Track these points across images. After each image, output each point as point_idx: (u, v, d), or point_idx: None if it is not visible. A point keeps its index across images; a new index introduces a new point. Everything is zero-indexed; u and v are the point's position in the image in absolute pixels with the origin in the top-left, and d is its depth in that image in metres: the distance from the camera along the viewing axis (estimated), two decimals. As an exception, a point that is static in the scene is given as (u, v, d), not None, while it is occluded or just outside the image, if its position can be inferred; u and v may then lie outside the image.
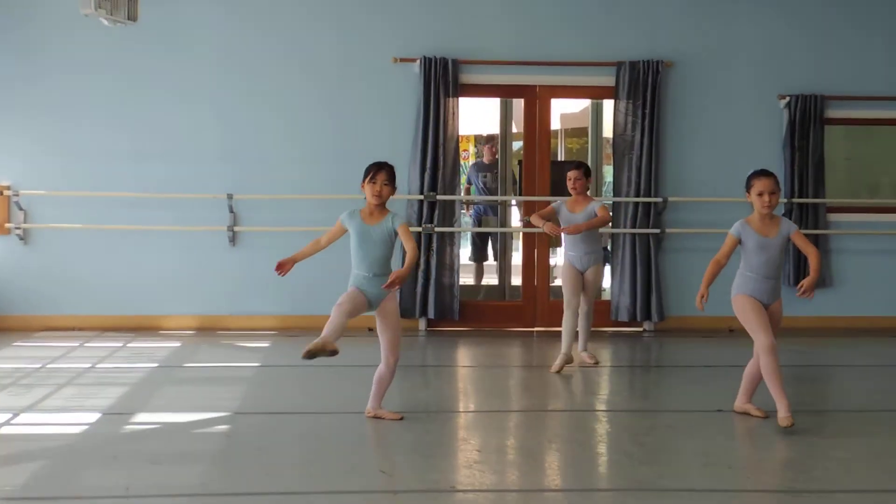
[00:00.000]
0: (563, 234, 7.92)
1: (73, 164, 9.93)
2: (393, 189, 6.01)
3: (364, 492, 4.82)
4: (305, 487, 4.85)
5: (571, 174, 8.05)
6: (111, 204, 9.96)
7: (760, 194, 6.10)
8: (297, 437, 5.83)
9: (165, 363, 8.27)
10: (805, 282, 6.11)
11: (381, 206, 5.98)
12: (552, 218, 8.09)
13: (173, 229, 10.00)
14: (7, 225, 9.93)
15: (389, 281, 5.70)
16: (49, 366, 7.97)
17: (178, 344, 9.18)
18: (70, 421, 6.15)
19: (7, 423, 6.07)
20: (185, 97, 10.02)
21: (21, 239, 9.92)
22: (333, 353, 5.49)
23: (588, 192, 8.12)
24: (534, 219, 7.91)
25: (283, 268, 5.92)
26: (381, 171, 5.97)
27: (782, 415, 5.96)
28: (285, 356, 8.64)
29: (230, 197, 9.93)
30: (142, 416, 6.32)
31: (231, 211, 9.98)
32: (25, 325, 9.89)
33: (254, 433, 5.88)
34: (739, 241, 6.21)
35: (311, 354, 5.43)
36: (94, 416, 6.24)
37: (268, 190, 10.02)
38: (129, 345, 9.17)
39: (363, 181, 5.99)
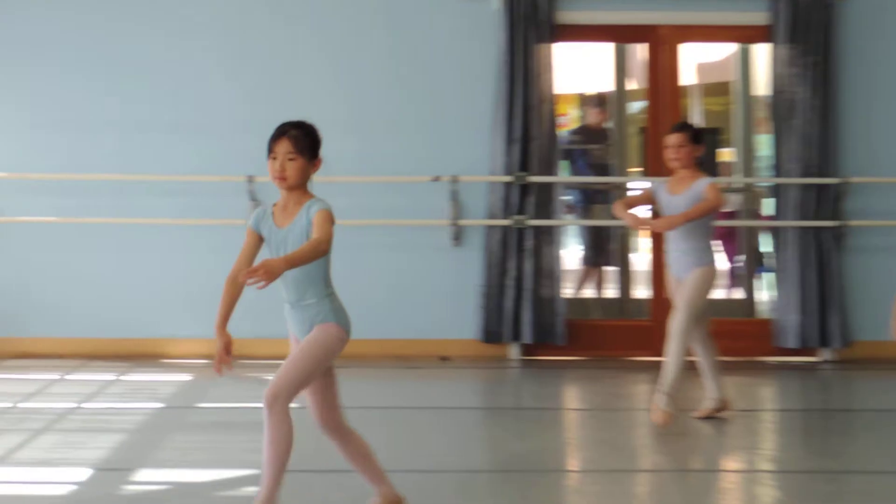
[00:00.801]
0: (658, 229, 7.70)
1: (47, 137, 10.13)
2: (309, 162, 5.18)
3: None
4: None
5: (671, 140, 7.76)
6: (97, 190, 10.15)
7: None
8: (345, 501, 5.82)
9: (172, 403, 8.38)
10: None
11: (297, 194, 5.22)
12: (647, 204, 8.02)
13: (178, 224, 10.12)
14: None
15: (250, 270, 4.77)
16: (21, 405, 8.09)
17: (187, 377, 9.27)
18: (52, 478, 6.19)
19: (-30, 480, 6.20)
20: (191, 41, 10.15)
21: (-19, 235, 10.23)
22: None
23: (699, 166, 7.81)
24: (616, 208, 7.74)
25: (224, 360, 5.33)
26: (281, 139, 5.16)
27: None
28: (360, 394, 8.70)
29: (251, 180, 10.08)
30: (145, 474, 6.36)
31: (252, 199, 10.09)
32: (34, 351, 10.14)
33: (289, 498, 5.89)
34: None
35: None
36: (83, 473, 6.27)
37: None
38: (123, 378, 9.26)
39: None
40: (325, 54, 10.22)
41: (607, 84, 12.39)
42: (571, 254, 12.47)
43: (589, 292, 12.16)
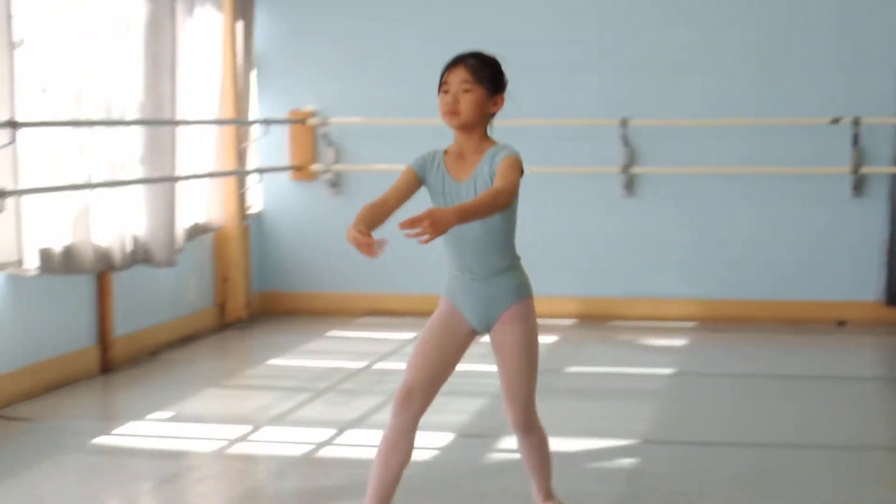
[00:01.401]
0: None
1: (400, 83, 10.38)
2: (489, 96, 4.58)
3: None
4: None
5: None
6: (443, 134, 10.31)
7: None
8: (729, 479, 5.75)
9: (540, 366, 8.45)
10: None
11: (476, 139, 4.62)
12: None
13: (538, 172, 10.21)
14: (312, 167, 10.56)
15: (412, 218, 4.10)
16: (377, 365, 8.34)
17: (553, 338, 9.39)
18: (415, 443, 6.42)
19: (329, 442, 6.36)
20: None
21: (333, 186, 10.54)
22: None
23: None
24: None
25: (370, 248, 4.26)
26: (456, 67, 4.57)
27: None
28: (710, 360, 8.64)
29: (624, 124, 10.06)
30: (511, 442, 6.45)
31: (626, 144, 10.08)
32: (343, 308, 10.42)
33: (672, 472, 5.85)
34: None
35: None
36: (445, 438, 6.41)
37: (680, 113, 10.07)
38: (484, 339, 9.48)
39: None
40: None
41: None
42: None
43: None
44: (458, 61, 4.56)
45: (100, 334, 8.01)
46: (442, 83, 4.56)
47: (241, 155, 9.93)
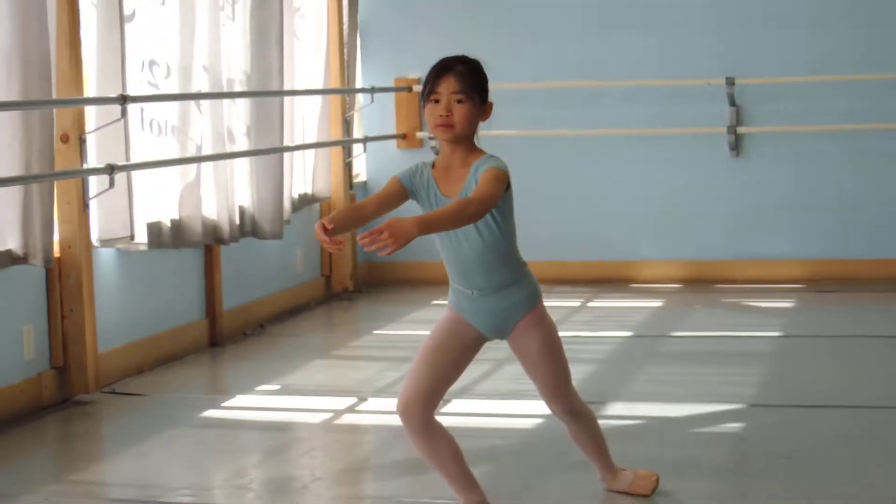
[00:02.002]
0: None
1: (506, 47, 10.32)
2: (479, 107, 4.40)
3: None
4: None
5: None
6: (550, 98, 10.35)
7: None
8: (841, 441, 5.69)
9: (643, 331, 8.44)
10: None
11: (463, 151, 4.45)
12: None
13: (643, 134, 10.14)
14: (418, 135, 10.52)
15: (371, 231, 4.00)
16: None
17: (658, 303, 9.38)
18: (519, 411, 6.37)
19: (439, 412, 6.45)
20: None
21: (439, 153, 10.50)
22: None
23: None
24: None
25: (330, 239, 4.25)
26: (445, 76, 4.36)
27: None
28: (819, 321, 8.54)
29: (731, 83, 9.93)
30: (617, 408, 6.44)
31: (732, 104, 9.95)
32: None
33: (779, 435, 5.79)
34: None
35: None
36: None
37: (785, 70, 9.92)
38: (588, 304, 9.47)
39: (422, 98, 4.49)
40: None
41: None
42: None
43: None
44: (446, 69, 4.38)
45: (208, 308, 8.11)
46: (430, 92, 4.38)
47: (346, 124, 9.97)
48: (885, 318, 8.58)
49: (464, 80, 4.37)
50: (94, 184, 6.80)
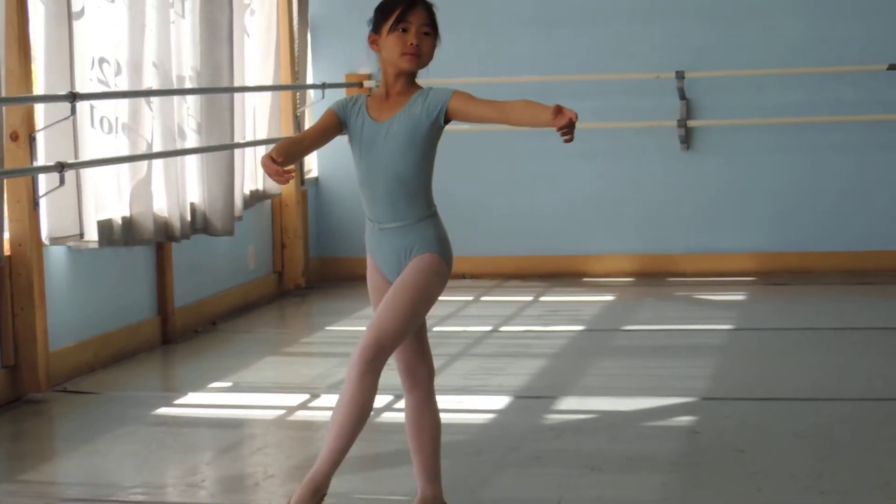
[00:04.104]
0: None
1: (451, 43, 10.24)
2: (434, 46, 4.50)
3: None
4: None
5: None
6: (501, 94, 10.27)
7: None
8: (792, 433, 5.70)
9: (595, 325, 8.45)
10: None
11: (404, 82, 4.47)
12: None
13: (594, 128, 10.14)
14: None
15: (566, 119, 4.13)
16: (436, 329, 8.35)
17: (610, 297, 9.38)
18: (471, 406, 6.33)
19: (388, 407, 6.32)
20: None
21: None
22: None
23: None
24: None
25: (280, 170, 4.23)
26: (416, 8, 4.45)
27: None
28: (770, 314, 8.57)
29: (680, 76, 9.96)
30: (568, 402, 6.45)
31: (682, 97, 9.98)
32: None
33: (731, 429, 5.81)
34: None
35: None
36: (502, 401, 6.39)
37: (734, 64, 9.96)
38: (541, 299, 9.47)
39: (380, 28, 4.47)
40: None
41: None
42: None
43: None
44: (415, 2, 4.45)
45: (160, 305, 8.07)
46: (399, 21, 4.41)
47: (297, 120, 9.94)
48: (836, 310, 8.63)
49: (431, 14, 4.49)
50: (44, 182, 6.74)
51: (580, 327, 8.32)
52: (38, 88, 6.85)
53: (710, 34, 9.95)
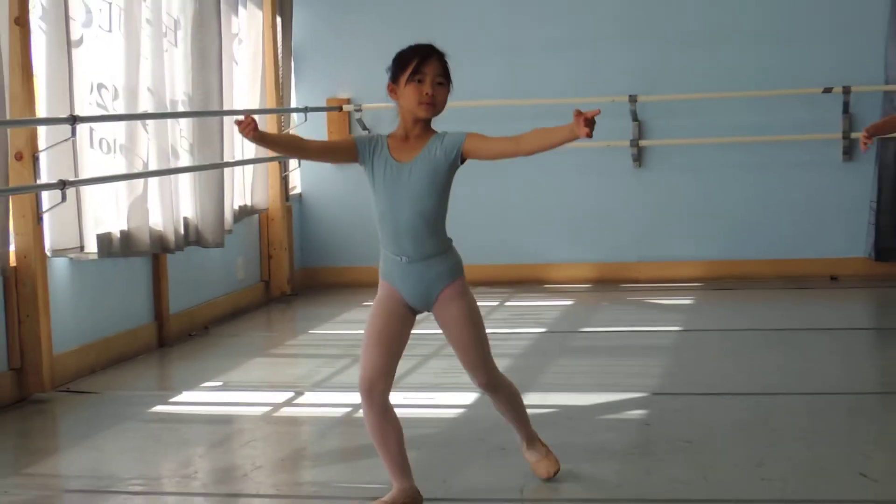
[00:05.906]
0: None
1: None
2: (447, 94, 4.53)
3: (847, 502, 4.69)
4: (757, 495, 4.80)
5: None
6: (472, 117, 10.30)
7: None
8: (735, 425, 5.72)
9: (555, 327, 8.45)
10: None
11: (423, 126, 4.51)
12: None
13: (555, 148, 10.15)
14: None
15: (589, 121, 4.51)
16: (412, 331, 8.41)
17: (569, 301, 9.40)
18: (441, 402, 6.36)
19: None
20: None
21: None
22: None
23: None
24: None
25: (246, 127, 4.28)
26: (431, 59, 4.48)
27: None
28: (715, 316, 8.61)
29: (633, 100, 9.99)
30: (531, 397, 6.39)
31: (635, 119, 10.02)
32: (376, 280, 10.45)
33: (680, 421, 5.81)
34: None
35: None
36: (470, 397, 6.36)
37: (682, 88, 9.99)
38: (506, 304, 9.48)
39: (397, 78, 4.50)
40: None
41: None
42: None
43: None
44: (431, 52, 4.50)
45: (156, 312, 8.05)
46: (415, 72, 4.45)
47: (281, 141, 9.92)
48: (775, 312, 8.66)
49: (445, 65, 4.52)
50: (47, 198, 6.72)
51: (542, 329, 8.33)
52: (41, 112, 6.83)
53: (659, 62, 9.98)
